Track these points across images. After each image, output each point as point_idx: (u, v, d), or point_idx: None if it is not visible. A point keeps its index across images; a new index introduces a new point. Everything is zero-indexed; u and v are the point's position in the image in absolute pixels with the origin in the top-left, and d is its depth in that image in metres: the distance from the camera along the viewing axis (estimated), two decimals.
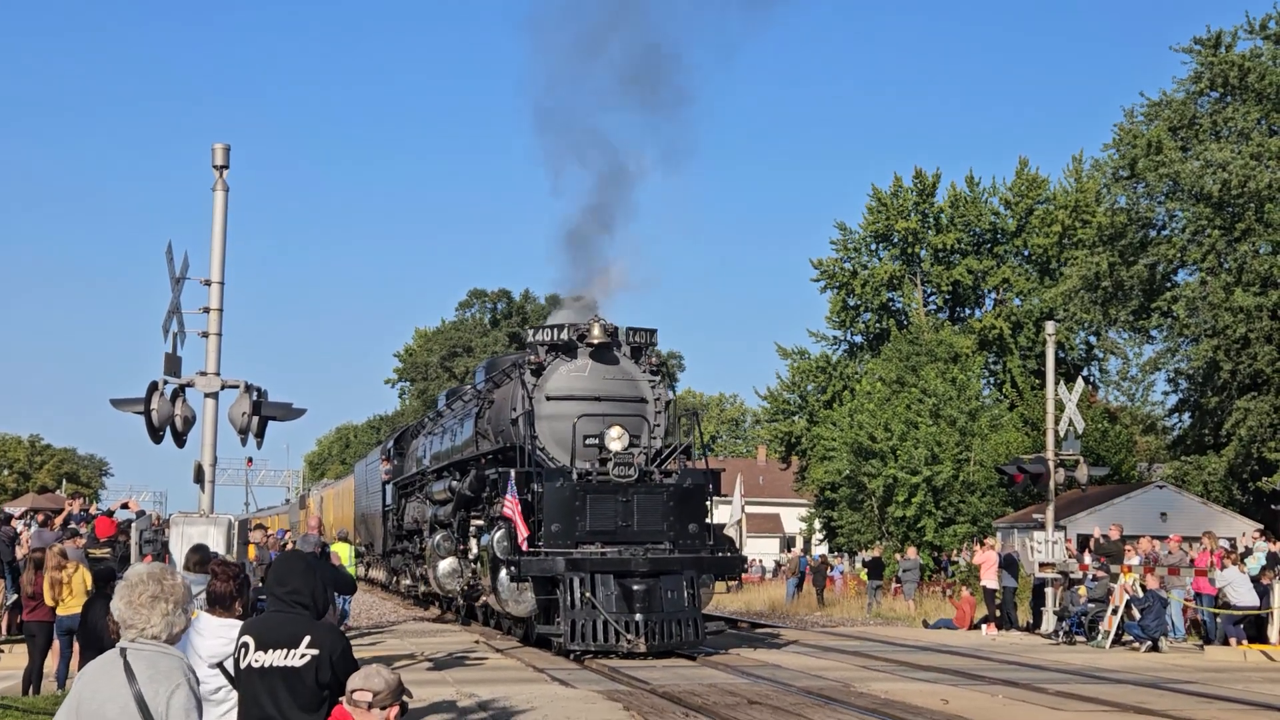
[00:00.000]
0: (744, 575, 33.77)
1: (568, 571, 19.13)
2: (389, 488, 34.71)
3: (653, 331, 22.34)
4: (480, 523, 22.13)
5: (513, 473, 19.97)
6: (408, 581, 31.62)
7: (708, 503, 21.35)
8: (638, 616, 18.99)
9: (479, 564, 21.64)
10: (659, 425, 21.99)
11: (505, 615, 21.47)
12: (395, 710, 5.31)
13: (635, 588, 19.22)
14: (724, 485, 24.18)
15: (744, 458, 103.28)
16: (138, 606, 4.74)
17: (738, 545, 23.38)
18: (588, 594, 18.99)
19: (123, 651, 4.68)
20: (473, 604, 24.42)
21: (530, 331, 22.37)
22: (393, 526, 33.58)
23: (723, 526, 23.39)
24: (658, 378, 22.28)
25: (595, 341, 21.57)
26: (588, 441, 20.85)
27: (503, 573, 19.83)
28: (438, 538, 24.70)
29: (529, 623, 20.73)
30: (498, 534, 20.10)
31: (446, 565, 24.02)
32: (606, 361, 21.76)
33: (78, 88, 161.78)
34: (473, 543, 22.51)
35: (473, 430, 24.63)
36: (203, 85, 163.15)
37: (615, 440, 20.75)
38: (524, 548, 19.37)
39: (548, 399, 21.32)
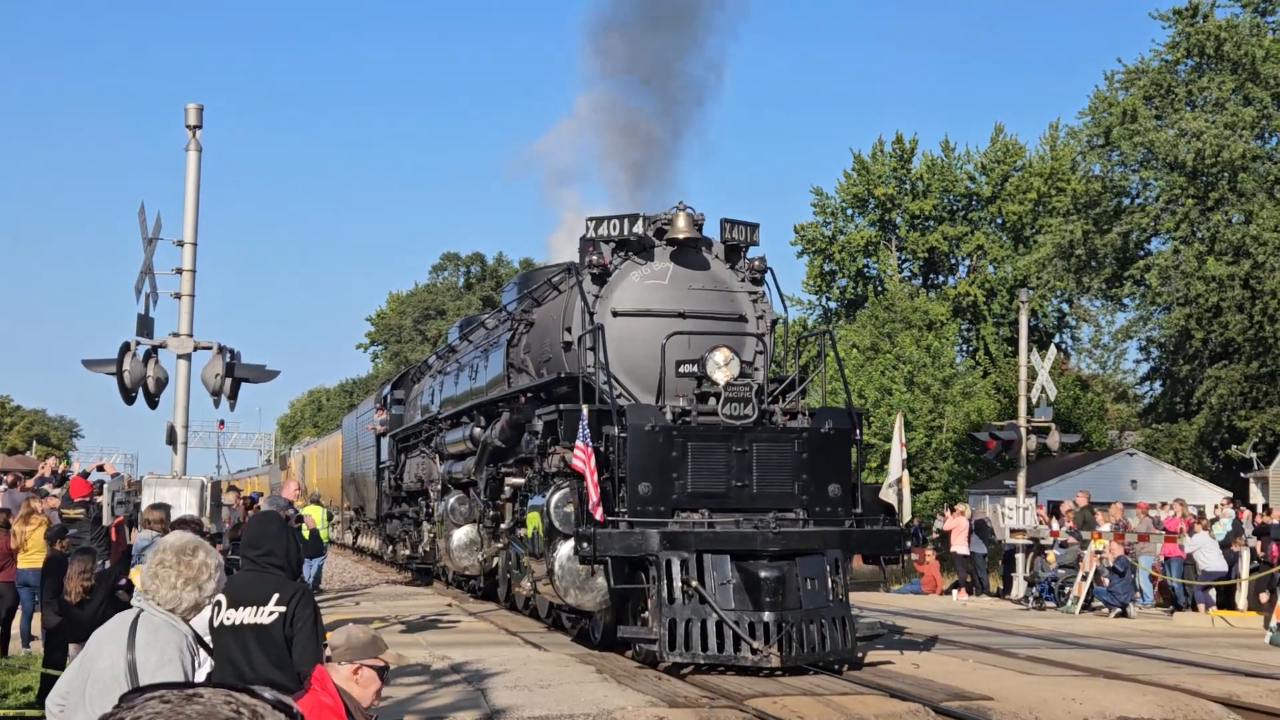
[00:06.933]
0: None
1: (664, 550, 13.87)
2: (385, 441, 30.60)
3: (755, 227, 16.79)
4: (518, 481, 17.50)
5: (585, 410, 14.54)
6: (407, 551, 27.73)
7: (853, 454, 16.03)
8: (766, 616, 13.63)
9: (528, 535, 16.18)
10: (761, 351, 16.69)
11: (562, 607, 16.19)
12: (361, 669, 5.24)
13: (763, 575, 13.89)
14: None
15: None
16: (157, 575, 4.76)
17: (899, 513, 16.46)
18: (694, 583, 13.80)
19: (137, 615, 4.71)
20: (510, 587, 19.32)
21: (591, 224, 16.32)
22: (389, 487, 29.49)
23: (874, 487, 17.17)
24: (759, 289, 16.89)
25: (680, 236, 16.22)
26: (681, 369, 15.58)
27: (563, 549, 14.62)
28: (451, 500, 20.76)
29: (593, 618, 15.80)
30: (556, 496, 14.83)
31: (463, 535, 20.51)
32: (693, 265, 16.51)
33: (47, 45, 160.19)
34: (507, 508, 18.07)
35: (503, 363, 19.43)
36: (176, 44, 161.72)
37: (722, 367, 15.16)
38: (598, 515, 14.18)
39: (614, 315, 16.08)
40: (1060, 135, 57.70)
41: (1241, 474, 42.77)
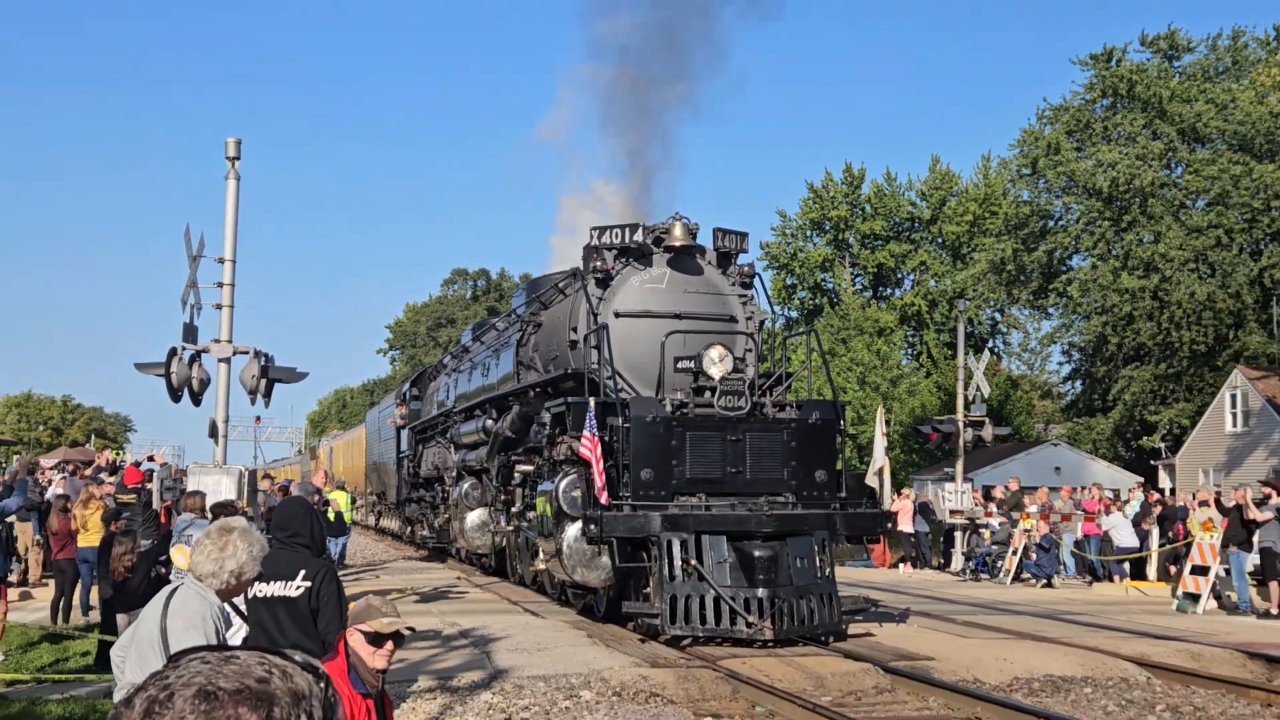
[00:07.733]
0: None
1: (665, 532, 13.38)
2: (405, 433, 29.59)
3: (744, 235, 16.39)
4: (527, 468, 16.96)
5: (592, 402, 14.09)
6: (424, 532, 26.91)
7: (838, 442, 15.38)
8: (760, 592, 13.19)
9: (537, 517, 15.51)
10: (751, 349, 16.11)
11: (568, 583, 15.54)
12: (354, 633, 5.03)
13: (756, 554, 13.42)
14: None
15: None
16: (200, 551, 4.75)
17: (879, 498, 15.29)
18: (693, 561, 13.32)
19: (175, 588, 4.70)
20: (519, 565, 18.59)
21: (595, 232, 15.88)
22: (408, 474, 28.74)
23: (859, 474, 16.57)
24: (749, 292, 16.42)
25: (676, 244, 15.73)
26: (679, 365, 15.18)
27: (570, 530, 14.20)
28: (465, 486, 20.21)
29: (598, 594, 15.23)
30: (564, 481, 14.39)
31: (475, 517, 19.96)
32: (688, 271, 16.01)
33: (105, 95, 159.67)
34: (517, 493, 17.53)
35: (513, 361, 18.86)
36: (219, 85, 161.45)
37: (717, 364, 14.77)
38: (603, 499, 13.70)
39: (616, 316, 15.52)
40: (993, 165, 57.90)
41: (1151, 461, 42.92)
